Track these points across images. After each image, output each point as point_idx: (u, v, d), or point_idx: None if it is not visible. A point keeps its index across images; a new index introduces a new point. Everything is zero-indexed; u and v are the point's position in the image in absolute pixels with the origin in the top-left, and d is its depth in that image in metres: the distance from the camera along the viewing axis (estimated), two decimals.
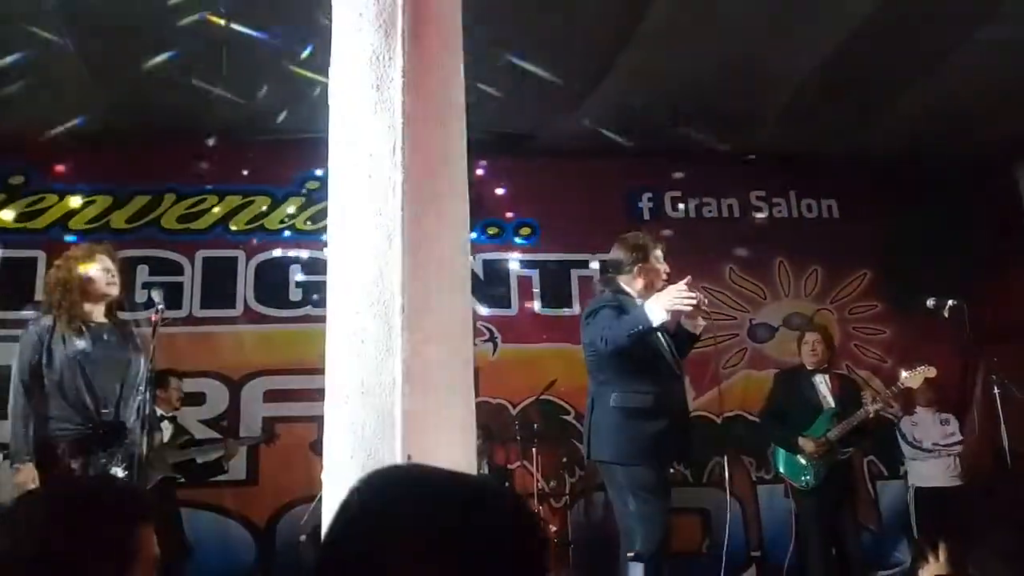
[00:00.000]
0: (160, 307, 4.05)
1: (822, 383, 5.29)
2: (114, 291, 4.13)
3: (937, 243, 6.74)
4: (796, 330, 6.68)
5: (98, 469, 3.84)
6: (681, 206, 7.28)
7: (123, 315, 4.24)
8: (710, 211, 7.29)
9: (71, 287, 4.05)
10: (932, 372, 5.16)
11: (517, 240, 7.02)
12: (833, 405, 5.20)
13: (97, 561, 1.38)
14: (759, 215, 7.33)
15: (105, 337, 4.06)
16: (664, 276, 4.26)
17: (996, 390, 5.14)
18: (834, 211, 7.40)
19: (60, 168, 6.56)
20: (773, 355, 6.81)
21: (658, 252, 4.32)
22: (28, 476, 3.78)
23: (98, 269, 4.11)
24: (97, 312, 4.10)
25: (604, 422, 4.06)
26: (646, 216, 7.22)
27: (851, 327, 7.11)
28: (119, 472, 3.89)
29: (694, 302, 3.91)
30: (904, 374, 5.21)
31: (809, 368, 5.34)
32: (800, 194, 7.40)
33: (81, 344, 3.97)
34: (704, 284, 7.01)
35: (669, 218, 7.22)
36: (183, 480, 5.26)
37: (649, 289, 4.18)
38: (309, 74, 5.07)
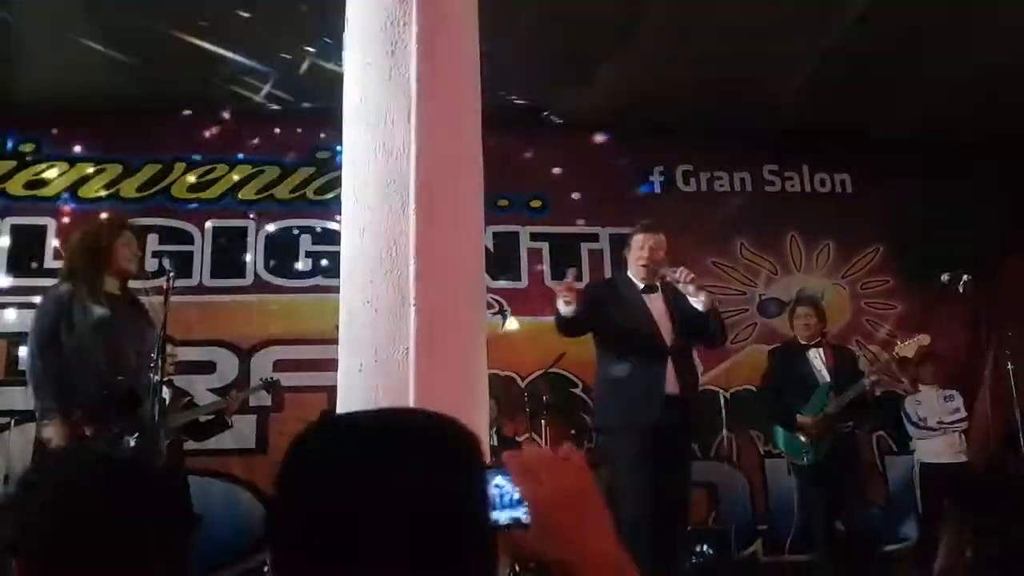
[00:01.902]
0: (171, 275, 4.07)
1: (816, 357, 5.24)
2: (133, 267, 4.18)
3: (950, 219, 6.69)
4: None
5: (111, 437, 3.86)
6: (692, 180, 7.23)
7: (134, 284, 4.25)
8: (722, 185, 7.25)
9: (96, 257, 4.08)
10: (926, 340, 5.09)
11: (527, 213, 6.99)
12: (829, 379, 5.14)
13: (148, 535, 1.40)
14: (771, 189, 7.28)
15: (121, 308, 4.08)
16: (641, 261, 4.43)
17: (1009, 366, 5.12)
18: (847, 186, 7.35)
19: (70, 136, 6.54)
20: (783, 330, 6.78)
21: (637, 238, 4.51)
22: (58, 432, 3.78)
23: (122, 244, 4.15)
24: (111, 284, 4.12)
25: (596, 392, 4.52)
26: (657, 190, 7.18)
27: (863, 302, 7.08)
28: (131, 442, 3.91)
29: (568, 298, 4.12)
30: (899, 343, 5.18)
31: (803, 343, 5.31)
32: (813, 169, 7.35)
33: (100, 312, 3.98)
34: (714, 259, 7.00)
35: (680, 192, 7.18)
36: (188, 442, 5.27)
37: (635, 272, 4.49)
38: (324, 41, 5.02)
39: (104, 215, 4.48)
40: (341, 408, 2.71)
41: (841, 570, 4.67)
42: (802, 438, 5.09)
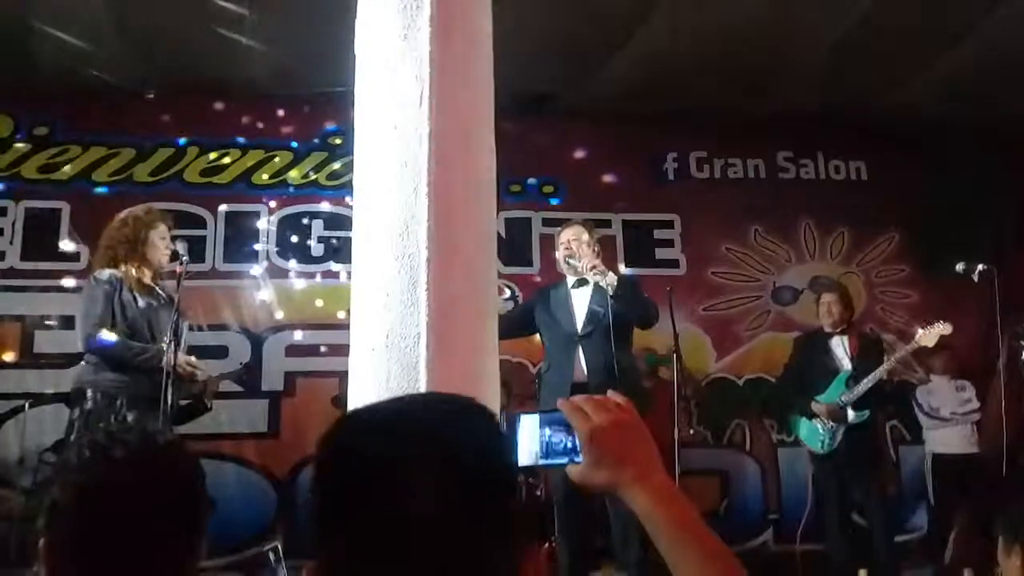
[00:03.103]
0: (184, 260, 4.11)
1: (839, 345, 5.23)
2: (165, 260, 4.31)
3: (967, 207, 6.63)
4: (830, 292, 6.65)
5: (149, 423, 3.93)
6: (706, 167, 7.19)
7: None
8: (736, 172, 7.20)
9: (134, 247, 4.23)
10: (948, 329, 5.06)
11: (540, 199, 6.97)
12: (850, 367, 5.13)
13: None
14: (785, 176, 7.23)
15: (161, 296, 4.17)
16: (561, 257, 4.84)
17: None
18: (863, 173, 7.28)
19: (84, 120, 6.55)
20: (797, 318, 6.75)
21: (557, 236, 4.95)
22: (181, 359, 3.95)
23: (159, 236, 4.30)
24: (146, 275, 4.21)
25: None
26: (670, 177, 7.14)
27: (878, 291, 7.04)
28: (168, 431, 3.98)
29: None
30: (919, 332, 5.14)
31: (827, 330, 5.29)
32: (828, 155, 7.29)
33: (144, 301, 4.14)
34: (728, 245, 6.97)
35: (694, 179, 7.14)
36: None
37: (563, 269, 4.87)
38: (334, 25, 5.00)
39: (141, 207, 4.57)
40: (352, 393, 2.71)
41: (854, 561, 4.66)
42: (819, 426, 5.08)
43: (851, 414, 5.02)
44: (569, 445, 1.04)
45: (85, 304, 4.19)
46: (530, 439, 1.05)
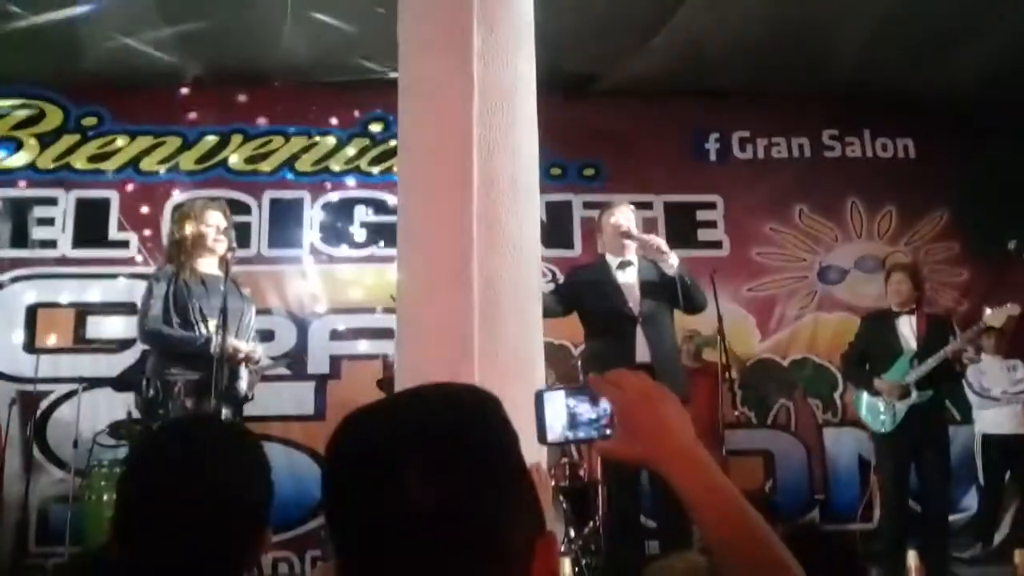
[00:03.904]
0: (232, 248, 4.21)
1: (906, 325, 5.12)
2: (221, 247, 4.41)
3: (1018, 184, 6.49)
4: (868, 273, 6.55)
5: (208, 409, 4.04)
6: (749, 147, 7.11)
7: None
8: (779, 152, 7.11)
9: (184, 244, 4.40)
10: (1016, 310, 4.96)
11: (581, 182, 6.95)
12: (914, 347, 5.05)
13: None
14: (831, 155, 7.13)
15: (221, 288, 4.28)
16: (609, 238, 4.78)
17: None
18: (910, 151, 7.15)
19: (131, 110, 6.66)
20: (843, 298, 6.67)
21: (603, 218, 4.89)
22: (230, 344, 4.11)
23: (206, 226, 4.42)
24: (209, 264, 4.32)
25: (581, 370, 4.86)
26: (712, 158, 7.08)
27: (927, 270, 6.89)
28: (228, 413, 4.11)
29: None
30: (988, 312, 5.03)
31: (894, 309, 5.21)
32: (875, 133, 7.16)
33: (197, 293, 4.27)
34: (773, 226, 6.90)
35: (737, 159, 7.07)
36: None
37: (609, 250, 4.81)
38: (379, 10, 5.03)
39: (196, 200, 4.73)
40: (400, 378, 2.74)
41: (905, 541, 4.61)
42: (880, 404, 5.01)
43: (914, 393, 4.95)
44: (595, 417, 1.04)
45: (142, 300, 4.41)
46: (556, 415, 1.05)
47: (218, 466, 1.43)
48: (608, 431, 1.03)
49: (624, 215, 4.77)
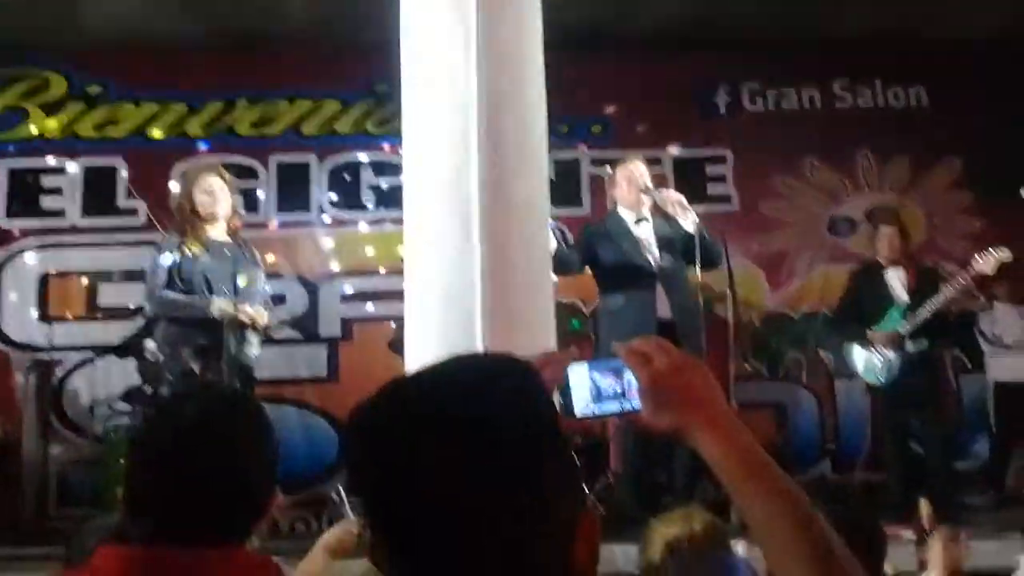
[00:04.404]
0: (239, 212, 4.22)
1: (895, 278, 5.14)
2: (219, 209, 4.39)
3: None
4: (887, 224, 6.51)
5: (217, 374, 4.08)
6: (759, 99, 7.03)
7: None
8: (789, 103, 7.03)
9: (184, 210, 4.40)
10: (1007, 255, 4.91)
11: (589, 138, 6.89)
12: (907, 299, 5.06)
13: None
14: (842, 106, 7.04)
15: (227, 253, 4.28)
16: (624, 193, 4.73)
17: None
18: (923, 99, 7.05)
19: (135, 77, 6.62)
20: (855, 250, 6.63)
21: (617, 172, 4.86)
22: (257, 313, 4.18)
23: (201, 191, 4.39)
24: (216, 230, 4.32)
25: (597, 326, 4.92)
26: (722, 110, 7.00)
27: (938, 219, 6.86)
28: (235, 379, 4.15)
29: None
30: (976, 258, 5.00)
31: (883, 263, 5.21)
32: (887, 82, 7.06)
33: (202, 261, 4.26)
34: (782, 179, 6.84)
35: (746, 112, 6.99)
36: None
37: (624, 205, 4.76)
38: None
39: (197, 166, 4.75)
40: (410, 342, 2.75)
41: (914, 489, 4.65)
42: (875, 358, 5.03)
43: (909, 344, 4.96)
44: (620, 391, 1.03)
45: (148, 271, 4.45)
46: (581, 389, 1.03)
47: (223, 432, 1.45)
48: (634, 404, 1.00)
49: (640, 170, 4.71)
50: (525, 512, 0.79)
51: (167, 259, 4.31)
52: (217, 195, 4.37)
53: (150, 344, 4.83)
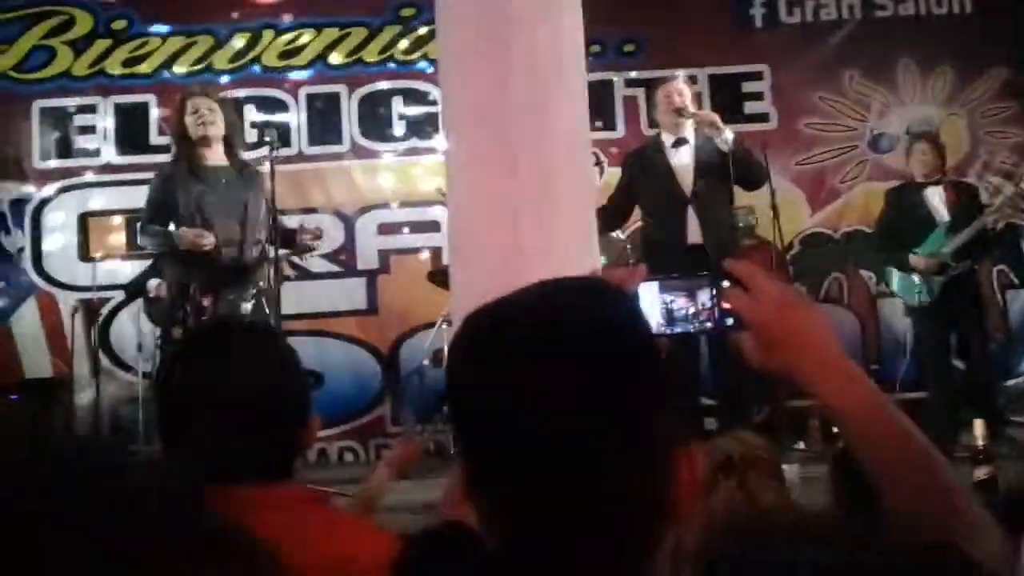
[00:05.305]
0: (275, 146, 4.15)
1: (935, 195, 5.04)
2: (209, 131, 4.23)
3: None
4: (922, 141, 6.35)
5: (227, 306, 4.06)
6: (797, 11, 6.80)
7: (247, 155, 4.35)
8: (828, 14, 6.79)
9: (176, 135, 4.32)
10: None
11: (621, 59, 6.74)
12: (947, 218, 4.96)
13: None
14: (882, 15, 6.80)
15: (223, 180, 4.20)
16: (663, 113, 4.75)
17: None
18: (967, 6, 6.78)
19: (160, 11, 6.55)
20: (896, 166, 6.48)
21: (657, 92, 4.87)
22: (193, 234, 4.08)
23: (188, 114, 4.23)
24: (214, 155, 4.23)
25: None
26: (758, 23, 6.78)
27: (983, 132, 6.66)
28: (248, 308, 4.11)
29: None
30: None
31: (920, 180, 5.10)
32: None
33: (198, 188, 4.12)
34: (822, 94, 6.66)
35: (783, 24, 6.77)
36: None
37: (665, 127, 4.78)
38: None
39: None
40: (454, 270, 2.74)
41: (960, 408, 4.63)
42: (915, 278, 4.96)
43: (951, 263, 4.88)
44: (693, 312, 1.00)
45: (146, 199, 4.41)
46: (650, 310, 0.99)
47: (248, 364, 1.45)
48: (707, 326, 0.99)
49: (678, 89, 4.66)
50: (620, 445, 0.76)
51: (153, 191, 4.24)
52: (204, 116, 4.20)
53: (152, 283, 4.82)
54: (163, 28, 6.56)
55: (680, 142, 4.62)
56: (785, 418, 4.81)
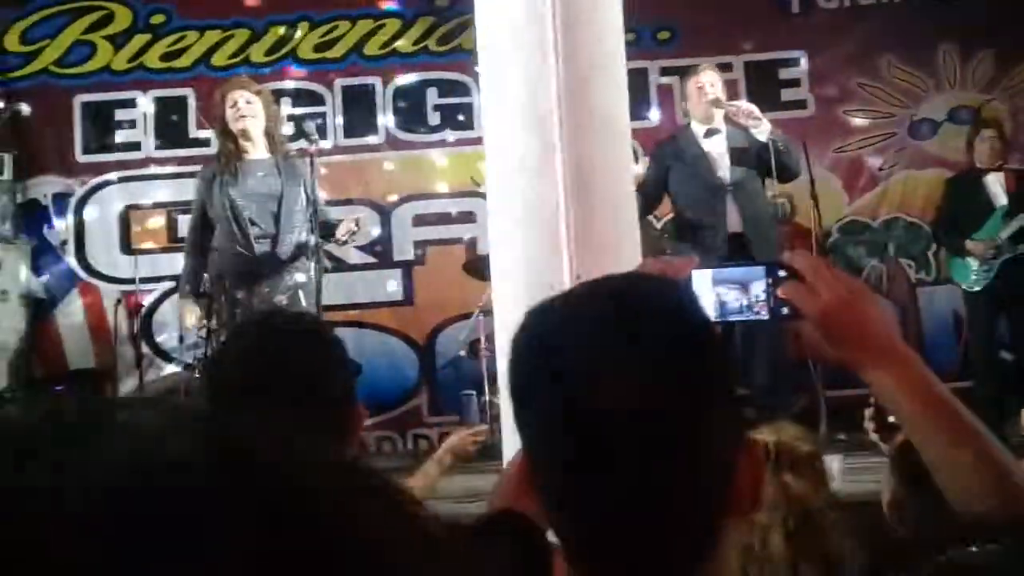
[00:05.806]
0: (314, 139, 4.17)
1: (996, 182, 5.00)
2: (245, 124, 4.22)
3: None
4: (962, 124, 6.24)
5: (262, 299, 4.10)
6: None
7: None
8: None
9: (216, 129, 4.38)
10: None
11: (656, 46, 6.69)
12: (1006, 203, 4.92)
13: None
14: None
15: (261, 173, 4.22)
16: (695, 105, 4.75)
17: None
18: None
19: (197, 5, 6.61)
20: (935, 152, 6.39)
21: (688, 82, 4.86)
22: (188, 311, 4.19)
23: (225, 108, 4.25)
24: (255, 148, 4.25)
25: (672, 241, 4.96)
26: (795, 9, 6.70)
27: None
28: (283, 300, 4.14)
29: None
30: None
31: (981, 167, 5.05)
32: None
33: (234, 182, 4.15)
34: (859, 80, 6.58)
35: (821, 10, 6.68)
36: None
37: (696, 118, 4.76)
38: None
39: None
40: (495, 261, 2.75)
41: (1007, 397, 4.58)
42: (972, 263, 4.93)
43: (1007, 247, 4.85)
44: (747, 304, 1.00)
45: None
46: (704, 299, 0.99)
47: (296, 354, 1.46)
48: (761, 317, 0.99)
49: (709, 79, 4.64)
50: (677, 444, 0.76)
51: (195, 194, 4.31)
52: (243, 109, 4.18)
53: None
54: (200, 22, 6.62)
55: (712, 132, 4.61)
56: (827, 408, 4.79)
